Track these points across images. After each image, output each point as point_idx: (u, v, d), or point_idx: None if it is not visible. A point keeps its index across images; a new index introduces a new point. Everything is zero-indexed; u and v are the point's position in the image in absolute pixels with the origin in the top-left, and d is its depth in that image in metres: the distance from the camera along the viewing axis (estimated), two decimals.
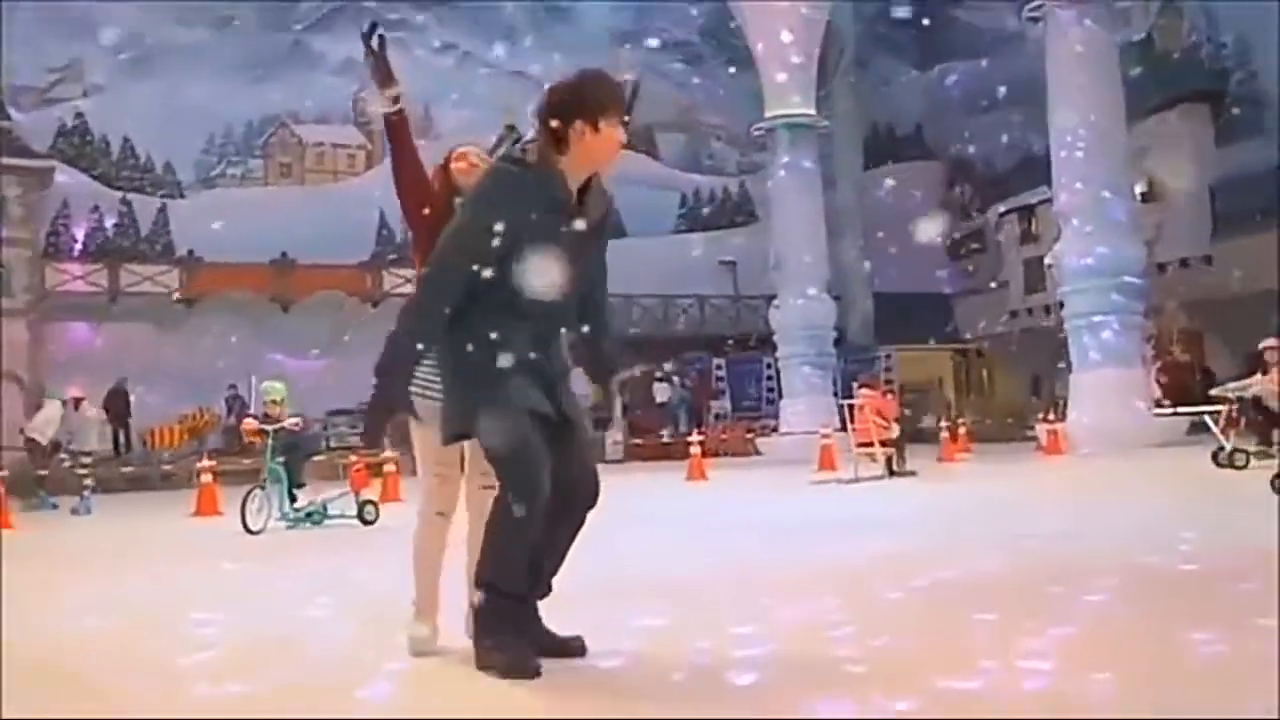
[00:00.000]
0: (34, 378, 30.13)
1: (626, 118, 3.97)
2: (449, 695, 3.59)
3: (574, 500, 3.87)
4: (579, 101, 3.86)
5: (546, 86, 4.07)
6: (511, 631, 3.76)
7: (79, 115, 36.24)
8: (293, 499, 11.35)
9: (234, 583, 7.05)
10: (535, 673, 3.61)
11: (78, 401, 19.12)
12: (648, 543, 8.60)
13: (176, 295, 32.92)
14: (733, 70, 38.50)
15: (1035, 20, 22.61)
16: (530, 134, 4.06)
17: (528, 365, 3.83)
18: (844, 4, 35.04)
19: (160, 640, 4.80)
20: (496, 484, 3.78)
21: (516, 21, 42.75)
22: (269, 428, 11.44)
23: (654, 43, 42.52)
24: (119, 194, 35.50)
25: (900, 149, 43.11)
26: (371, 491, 12.60)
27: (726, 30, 35.57)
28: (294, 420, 11.57)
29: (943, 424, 21.62)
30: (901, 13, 40.37)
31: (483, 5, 42.11)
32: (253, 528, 10.76)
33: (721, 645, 4.00)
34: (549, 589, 3.93)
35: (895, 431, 16.34)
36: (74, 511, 16.49)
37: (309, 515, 11.27)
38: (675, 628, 4.47)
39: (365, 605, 5.38)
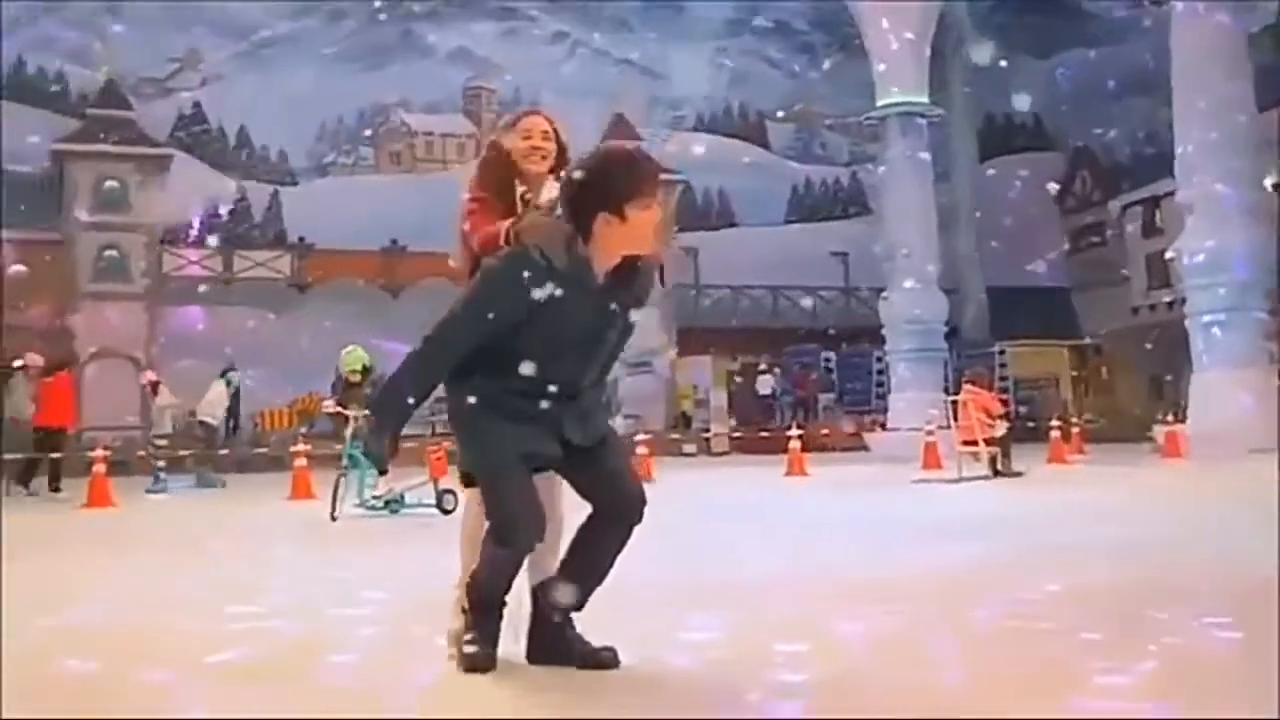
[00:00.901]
0: (150, 360, 30.80)
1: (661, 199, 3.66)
2: (471, 702, 3.34)
3: (610, 521, 3.72)
4: (600, 191, 3.53)
5: (567, 171, 3.75)
6: (479, 632, 3.67)
7: (196, 105, 37.03)
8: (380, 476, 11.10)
9: (285, 571, 6.87)
10: (486, 668, 3.60)
11: (154, 386, 19.25)
12: (728, 541, 8.28)
13: (288, 281, 33.45)
14: (844, 58, 37.86)
15: (1159, 4, 21.67)
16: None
17: (532, 413, 3.62)
18: None
19: (182, 634, 4.60)
20: None
21: (626, 11, 42.56)
22: (350, 412, 11.29)
23: (763, 30, 41.95)
24: (234, 181, 36.16)
25: (1017, 139, 41.96)
26: (451, 480, 12.32)
27: (838, 18, 34.90)
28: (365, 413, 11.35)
29: (1054, 423, 20.81)
30: None
31: None
32: (336, 515, 10.68)
33: (771, 666, 3.66)
34: (582, 605, 3.75)
35: (1001, 430, 15.72)
36: (149, 491, 16.60)
37: (386, 504, 11.04)
38: (727, 641, 4.13)
39: (415, 601, 5.12)
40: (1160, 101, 24.34)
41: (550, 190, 4.02)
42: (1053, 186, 38.86)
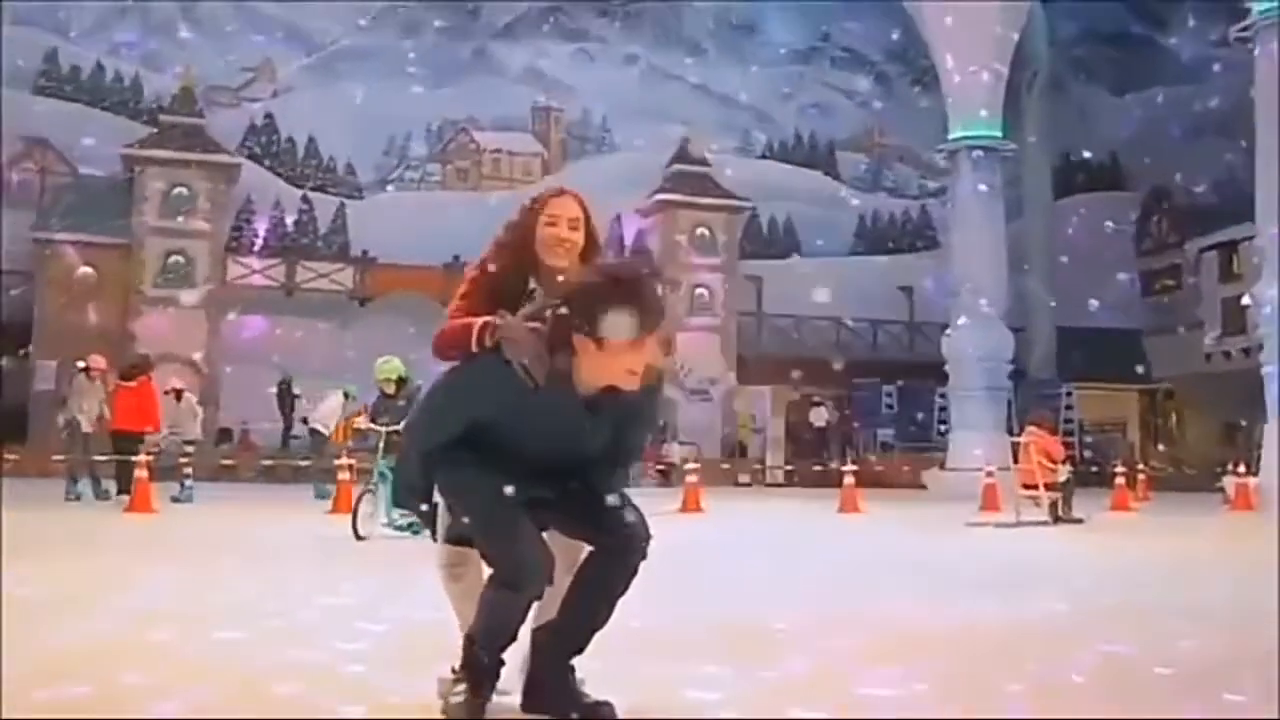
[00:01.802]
0: (211, 367, 30.97)
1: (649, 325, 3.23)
2: None
3: (612, 558, 3.42)
4: (577, 312, 3.21)
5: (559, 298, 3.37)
6: (471, 680, 3.37)
7: (268, 115, 37.30)
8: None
9: (287, 593, 6.57)
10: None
11: (179, 393, 18.97)
12: (762, 580, 7.88)
13: (350, 294, 33.48)
14: (918, 90, 37.39)
15: (1244, 40, 21.03)
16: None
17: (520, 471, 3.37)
18: (1037, 25, 33.58)
19: (155, 655, 4.31)
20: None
21: (700, 35, 42.42)
22: (380, 427, 10.98)
23: (837, 58, 41.60)
24: (300, 192, 36.33)
25: (1093, 178, 41.11)
26: None
27: (913, 49, 34.53)
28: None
29: (1119, 468, 20.11)
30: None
31: (668, 17, 41.86)
32: (362, 534, 10.32)
33: None
34: (582, 649, 3.45)
35: (1063, 475, 15.15)
36: (174, 499, 16.39)
37: (409, 525, 10.24)
38: (736, 702, 3.74)
39: (414, 637, 4.79)
40: (1238, 144, 23.67)
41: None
42: (1121, 226, 38.07)
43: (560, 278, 3.54)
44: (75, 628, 5.09)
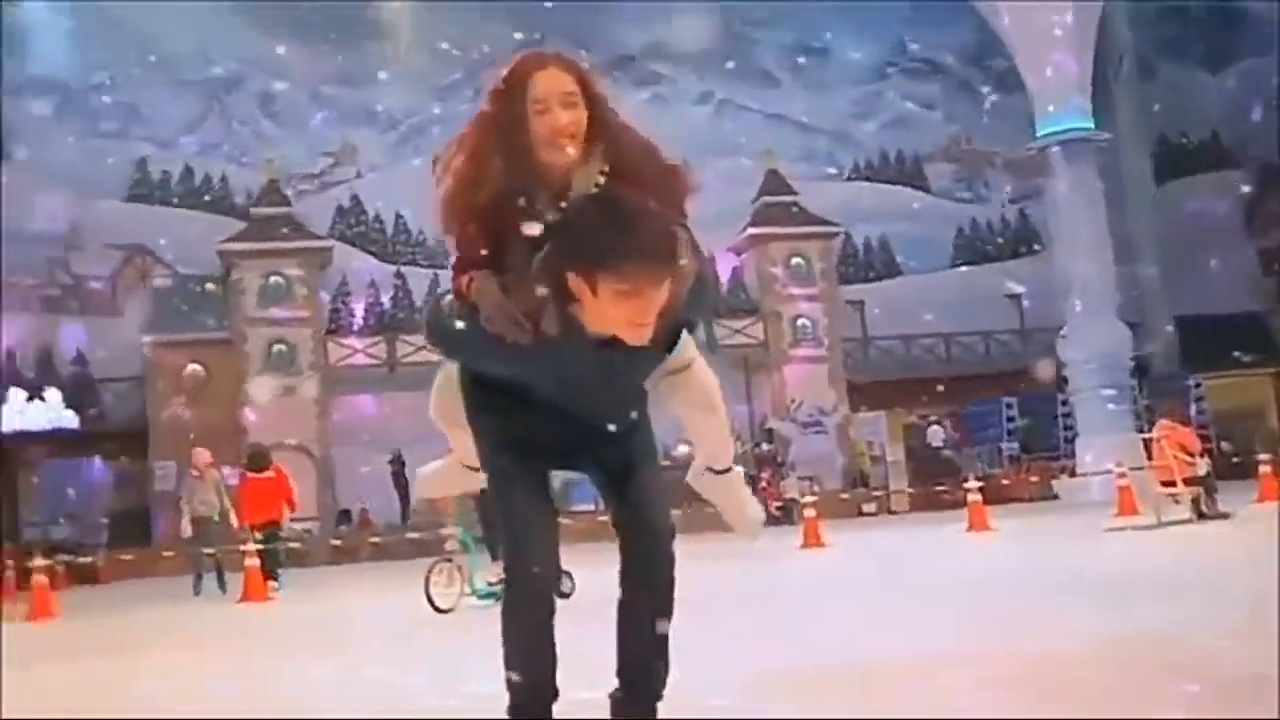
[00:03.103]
0: (323, 450, 31.20)
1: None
2: None
3: (631, 577, 3.12)
4: (576, 243, 2.74)
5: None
6: None
7: (354, 196, 37.80)
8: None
9: (361, 681, 6.20)
10: None
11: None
12: (892, 612, 7.33)
13: None
14: (1000, 93, 36.55)
15: None
16: None
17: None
18: (1119, 7, 32.56)
19: None
20: None
21: (771, 65, 42.08)
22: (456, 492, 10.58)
23: (913, 71, 40.92)
24: (393, 268, 36.65)
25: (1196, 159, 39.68)
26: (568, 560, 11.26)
27: (990, 51, 33.73)
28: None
29: (1262, 457, 18.96)
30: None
31: (737, 52, 41.63)
32: (440, 605, 9.75)
33: None
34: (652, 698, 3.13)
35: (1203, 468, 14.24)
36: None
37: (492, 594, 9.52)
38: None
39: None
40: None
41: (585, 181, 2.94)
42: (1232, 205, 36.62)
43: (568, 194, 2.89)
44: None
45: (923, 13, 39.88)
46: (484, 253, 2.91)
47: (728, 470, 3.58)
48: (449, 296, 2.99)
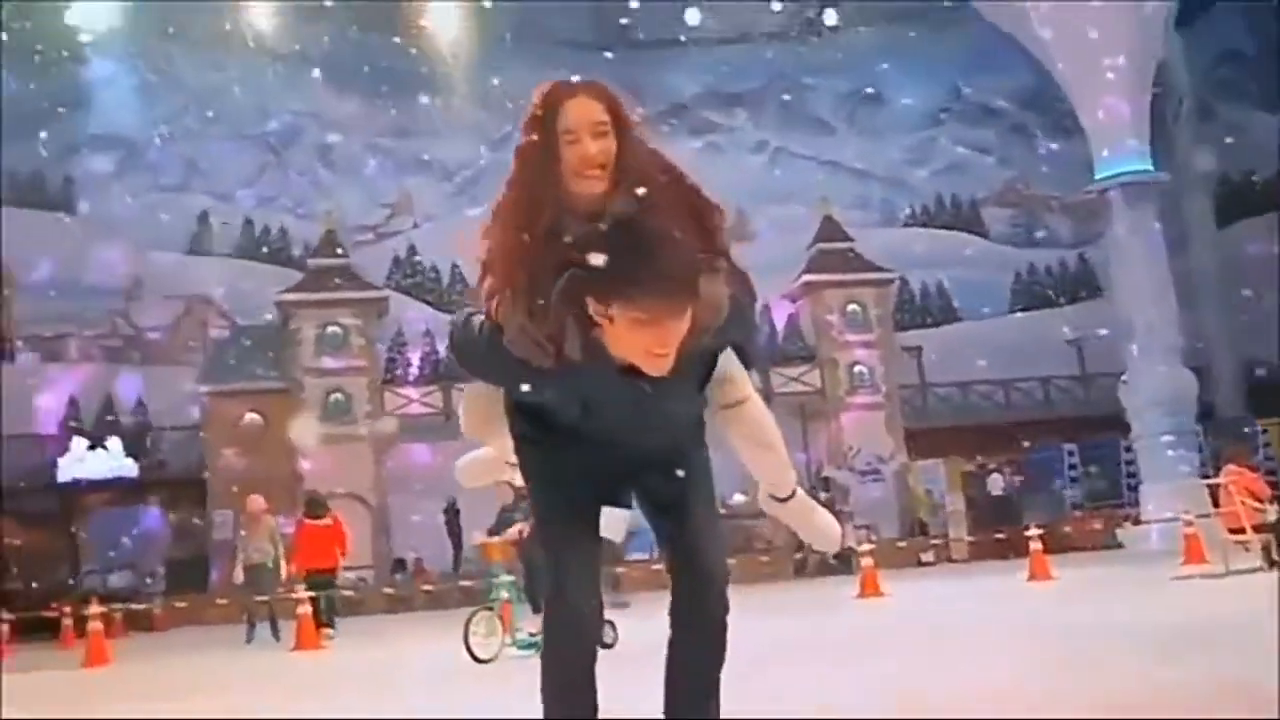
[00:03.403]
0: (379, 499, 31.27)
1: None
2: None
3: (682, 619, 2.99)
4: (592, 273, 2.64)
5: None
6: None
7: (411, 247, 38.16)
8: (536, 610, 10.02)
9: None
10: None
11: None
12: (952, 663, 7.11)
13: None
14: (1057, 135, 36.27)
15: None
16: None
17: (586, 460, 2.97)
18: (1175, 50, 32.23)
19: None
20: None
21: (826, 112, 42.12)
22: (495, 539, 10.43)
23: (968, 116, 40.78)
24: (448, 317, 36.82)
25: (1259, 200, 39.10)
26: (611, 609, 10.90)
27: (1047, 95, 33.45)
28: (518, 528, 10.40)
29: None
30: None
31: (793, 99, 41.73)
32: (480, 655, 9.58)
33: None
34: None
35: (1273, 514, 13.82)
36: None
37: (533, 644, 9.29)
38: None
39: None
40: None
41: (617, 211, 2.85)
42: None
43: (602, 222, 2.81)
44: None
45: (977, 59, 39.76)
46: (515, 277, 2.85)
47: (791, 496, 3.48)
48: (478, 316, 2.93)
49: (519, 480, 3.51)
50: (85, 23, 31.60)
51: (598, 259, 2.61)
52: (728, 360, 3.07)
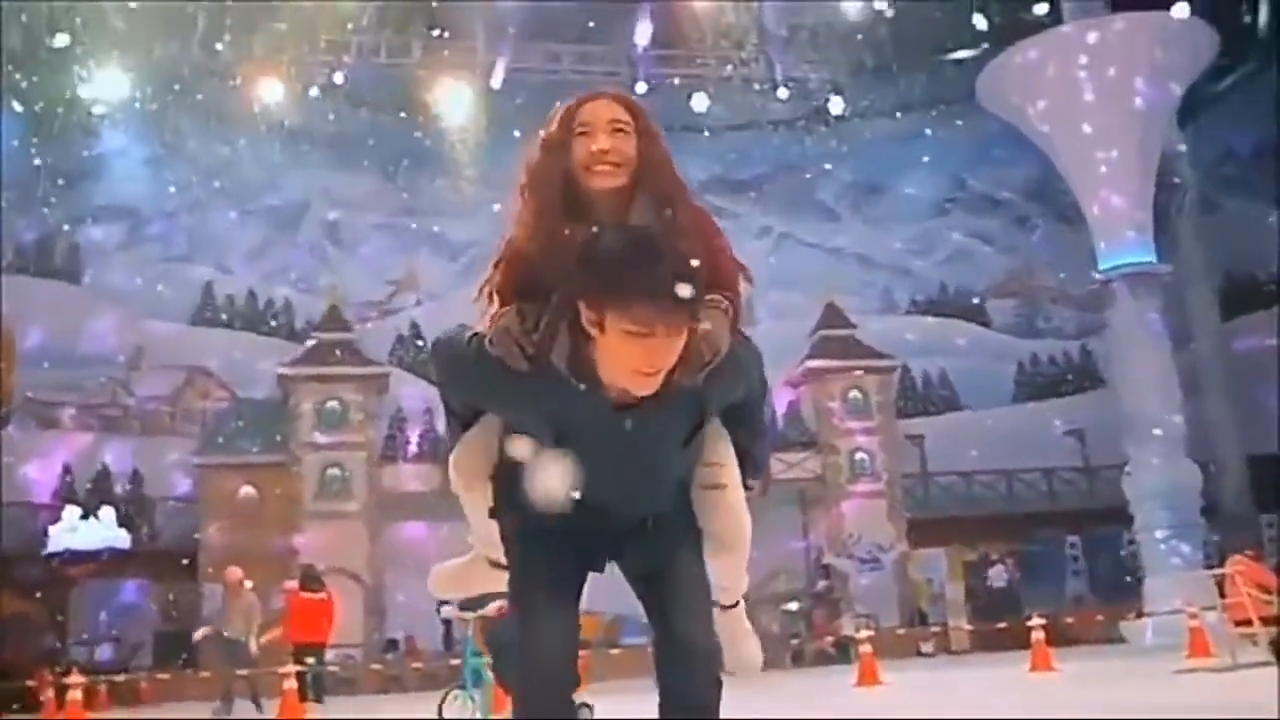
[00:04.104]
0: (374, 577, 30.90)
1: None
2: None
3: (667, 700, 2.78)
4: (584, 281, 2.54)
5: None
6: None
7: (414, 324, 38.17)
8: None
9: None
10: None
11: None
12: None
13: None
14: (1061, 226, 36.44)
15: None
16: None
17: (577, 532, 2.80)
18: (1178, 146, 32.50)
19: None
20: None
21: (832, 200, 42.39)
22: (468, 615, 10.09)
23: (973, 206, 41.03)
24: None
25: (1264, 295, 39.13)
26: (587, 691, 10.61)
27: (1051, 185, 33.68)
28: (497, 604, 10.08)
29: None
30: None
31: (799, 186, 42.01)
32: None
33: None
34: None
35: None
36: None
37: None
38: None
39: None
40: None
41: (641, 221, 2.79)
42: None
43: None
44: None
45: (981, 149, 40.13)
46: (511, 271, 2.77)
47: (733, 606, 3.31)
48: (470, 330, 2.83)
49: (497, 586, 3.35)
50: (100, 95, 31.88)
51: (601, 259, 2.51)
52: (718, 439, 2.95)
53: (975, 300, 41.63)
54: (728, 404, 2.88)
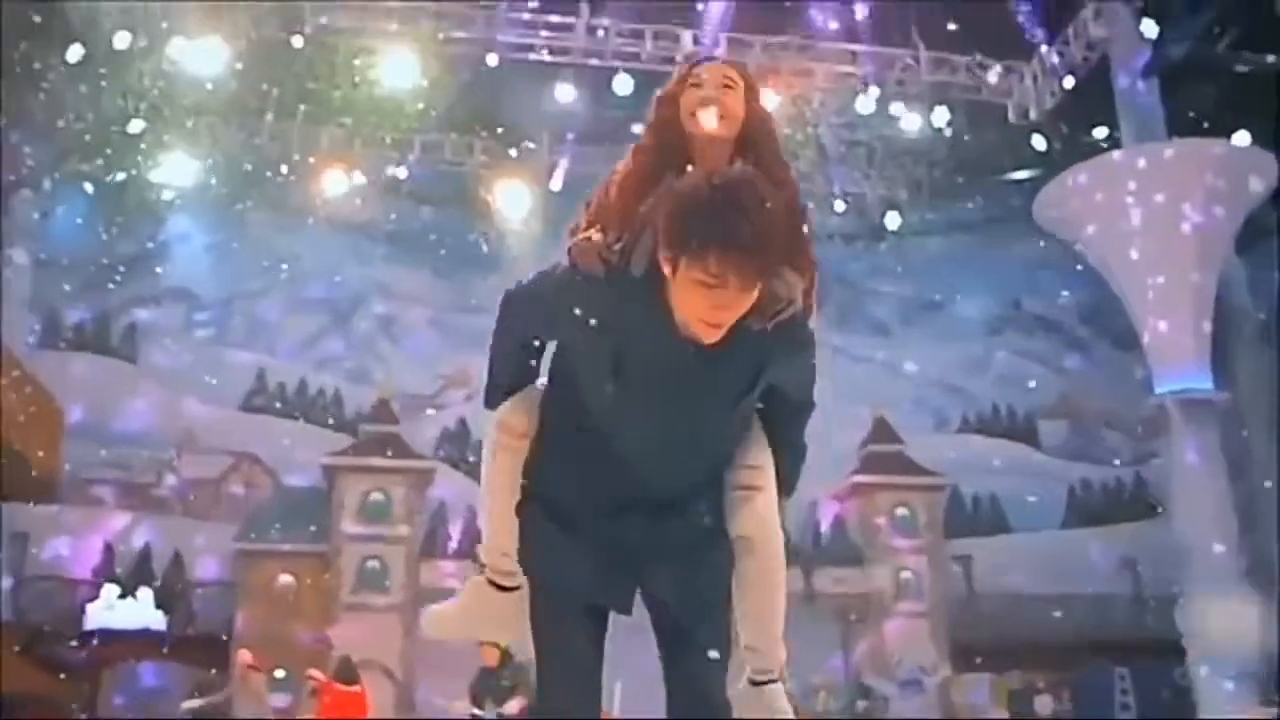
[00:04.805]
0: (405, 673, 30.54)
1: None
2: None
3: None
4: (665, 222, 2.57)
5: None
6: None
7: (461, 420, 38.25)
8: None
9: None
10: None
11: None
12: None
13: None
14: (1117, 351, 36.07)
15: None
16: None
17: (601, 535, 2.80)
18: (1238, 273, 32.21)
19: None
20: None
21: (885, 315, 42.36)
22: (484, 714, 9.78)
23: (1028, 327, 40.80)
24: None
25: None
26: None
27: (1107, 308, 33.36)
28: (518, 702, 9.77)
29: None
30: None
31: (851, 301, 42.03)
32: None
33: None
34: None
35: None
36: None
37: None
38: None
39: None
40: None
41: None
42: None
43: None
44: None
45: (1037, 270, 39.97)
46: (613, 204, 2.90)
47: (771, 683, 3.07)
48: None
49: (493, 636, 3.23)
50: (169, 179, 32.58)
51: (684, 202, 2.49)
52: (759, 443, 2.91)
53: (1026, 421, 41.13)
54: (781, 380, 2.82)
